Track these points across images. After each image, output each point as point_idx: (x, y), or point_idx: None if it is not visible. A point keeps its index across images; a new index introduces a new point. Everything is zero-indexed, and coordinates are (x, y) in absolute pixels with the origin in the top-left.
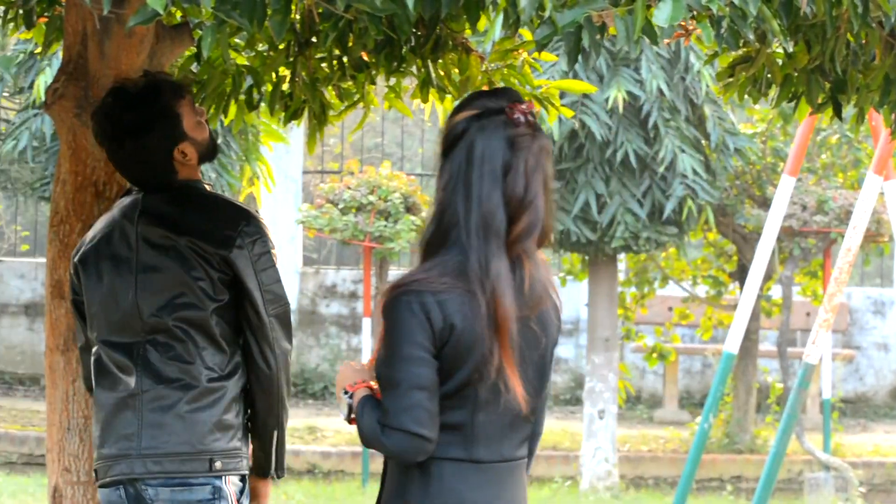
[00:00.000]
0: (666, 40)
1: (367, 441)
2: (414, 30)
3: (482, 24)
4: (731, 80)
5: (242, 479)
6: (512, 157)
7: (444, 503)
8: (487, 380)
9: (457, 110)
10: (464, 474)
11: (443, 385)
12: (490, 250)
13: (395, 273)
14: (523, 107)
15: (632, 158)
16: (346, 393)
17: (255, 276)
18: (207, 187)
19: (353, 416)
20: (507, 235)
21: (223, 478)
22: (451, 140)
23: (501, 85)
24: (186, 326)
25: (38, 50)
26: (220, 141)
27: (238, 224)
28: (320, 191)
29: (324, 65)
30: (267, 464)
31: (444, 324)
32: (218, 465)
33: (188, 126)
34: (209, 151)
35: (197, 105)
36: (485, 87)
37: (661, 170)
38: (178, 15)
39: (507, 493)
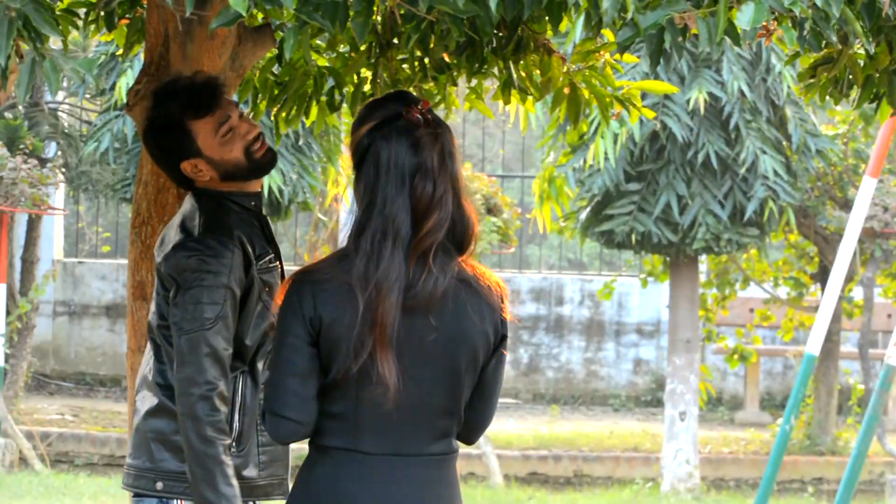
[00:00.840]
0: (747, 41)
1: None
2: (496, 31)
3: (564, 25)
4: (812, 81)
5: None
6: (417, 160)
7: (322, 489)
8: (364, 373)
9: (358, 123)
10: (348, 464)
11: (326, 374)
12: (383, 252)
13: None
14: (418, 107)
15: (713, 160)
16: None
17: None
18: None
19: None
20: (413, 236)
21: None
22: (360, 154)
23: (583, 86)
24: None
25: (120, 52)
26: (301, 143)
27: (177, 239)
28: None
29: (405, 66)
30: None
31: (314, 313)
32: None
33: (205, 144)
34: (241, 172)
35: (241, 121)
36: (566, 90)
37: (742, 171)
38: (260, 16)
39: (404, 489)
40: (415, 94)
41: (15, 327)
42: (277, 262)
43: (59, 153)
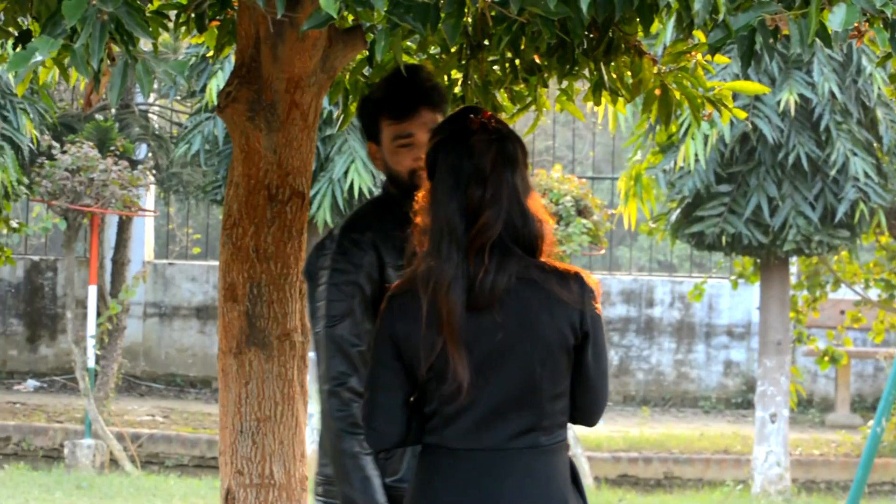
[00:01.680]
0: (839, 43)
1: None
2: (587, 32)
3: (655, 26)
4: None
5: None
6: (471, 164)
7: (418, 483)
8: (440, 371)
9: (429, 139)
10: (437, 459)
11: (414, 380)
12: (441, 252)
13: None
14: (480, 116)
15: (804, 161)
16: None
17: None
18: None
19: None
20: (466, 237)
21: None
22: (428, 166)
23: (674, 87)
24: None
25: (210, 53)
26: None
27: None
28: None
29: (496, 67)
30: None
31: (393, 329)
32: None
33: (384, 141)
34: (399, 184)
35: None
36: (657, 91)
37: (832, 173)
38: (351, 18)
39: (489, 479)
40: (506, 95)
41: (105, 329)
42: None
43: (150, 155)
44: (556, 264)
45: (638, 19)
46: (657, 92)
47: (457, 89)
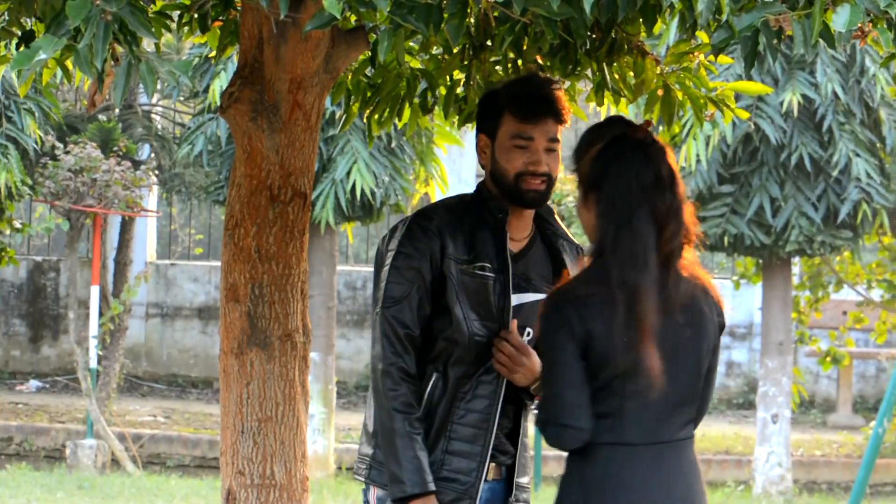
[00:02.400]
0: (842, 43)
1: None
2: (589, 33)
3: (658, 27)
4: None
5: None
6: (652, 173)
7: (601, 481)
8: (632, 369)
9: (584, 147)
10: (616, 456)
11: (594, 379)
12: (637, 260)
13: None
14: (640, 126)
15: (806, 162)
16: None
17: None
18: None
19: None
20: (657, 244)
21: (368, 487)
22: (595, 174)
23: (677, 87)
24: None
25: (213, 54)
26: (394, 145)
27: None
28: None
29: (498, 68)
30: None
31: (582, 329)
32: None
33: (500, 136)
34: (502, 183)
35: (544, 153)
36: (659, 92)
37: (835, 173)
38: (354, 19)
39: (665, 470)
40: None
41: (107, 329)
42: (494, 275)
43: (153, 155)
44: (690, 264)
45: (641, 20)
46: (660, 92)
47: (459, 90)
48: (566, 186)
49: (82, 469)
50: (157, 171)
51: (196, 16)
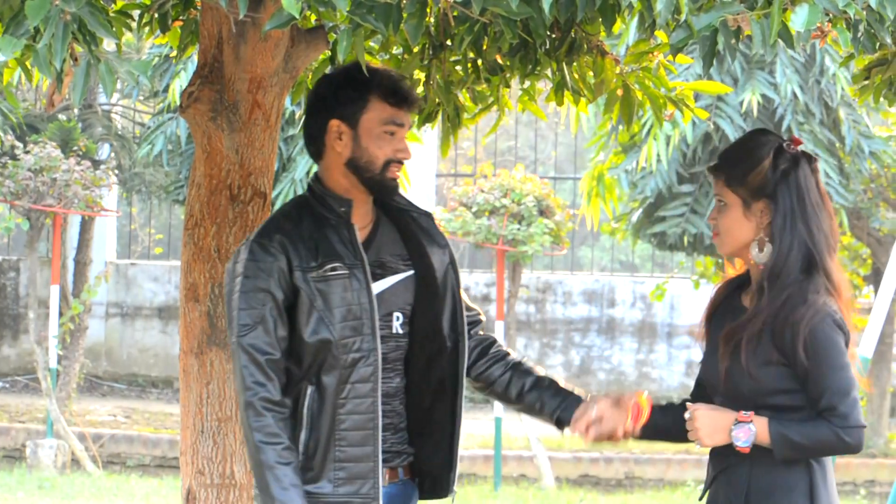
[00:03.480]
0: (801, 43)
1: (823, 448)
2: (549, 33)
3: (617, 27)
4: (866, 82)
5: None
6: (817, 187)
7: (832, 485)
8: None
9: (756, 158)
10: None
11: None
12: (832, 269)
13: (528, 276)
14: (795, 138)
15: None
16: (739, 423)
17: None
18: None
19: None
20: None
21: None
22: (771, 187)
23: (636, 87)
24: None
25: (173, 54)
26: None
27: None
28: (454, 194)
29: (458, 68)
30: None
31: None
32: None
33: (366, 122)
34: (366, 170)
35: (404, 142)
36: (619, 92)
37: None
38: (313, 18)
39: None
40: (468, 95)
41: (68, 329)
42: (348, 272)
43: (113, 155)
44: None
45: (600, 19)
46: (619, 92)
47: (419, 89)
48: (526, 186)
49: (42, 469)
50: (116, 171)
51: (156, 15)
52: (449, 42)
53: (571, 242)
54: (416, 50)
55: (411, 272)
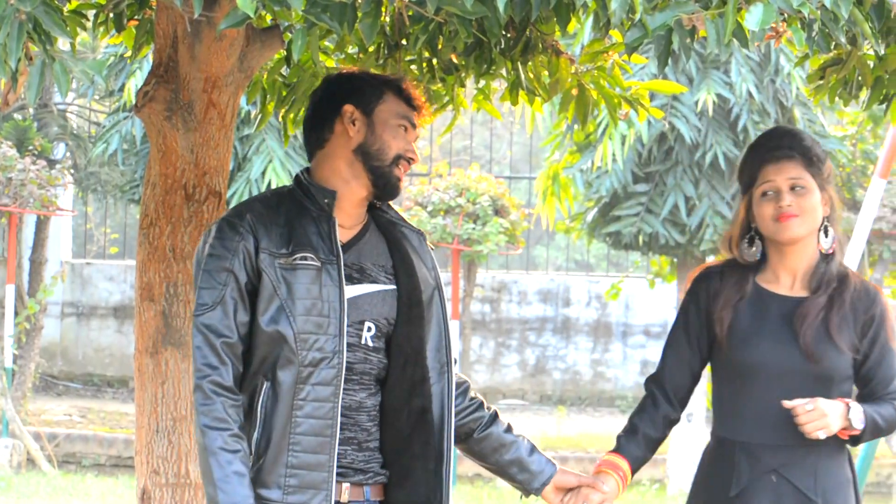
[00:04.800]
0: (756, 42)
1: (891, 429)
2: (504, 32)
3: (572, 26)
4: (821, 82)
5: None
6: None
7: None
8: None
9: (825, 152)
10: None
11: None
12: None
13: (483, 276)
14: None
15: (721, 161)
16: (850, 408)
17: None
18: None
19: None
20: None
21: None
22: (829, 176)
23: (591, 87)
24: None
25: (129, 54)
26: None
27: None
28: (409, 193)
29: (413, 67)
30: None
31: None
32: None
33: (381, 113)
34: (376, 160)
35: (412, 143)
36: (574, 91)
37: None
38: (269, 18)
39: None
40: (423, 94)
41: (23, 328)
42: (320, 265)
43: (68, 154)
44: None
45: (555, 19)
46: (574, 91)
47: None
48: (481, 185)
49: None
50: (72, 170)
51: (111, 15)
52: (404, 41)
53: (526, 242)
54: (371, 49)
55: (393, 287)
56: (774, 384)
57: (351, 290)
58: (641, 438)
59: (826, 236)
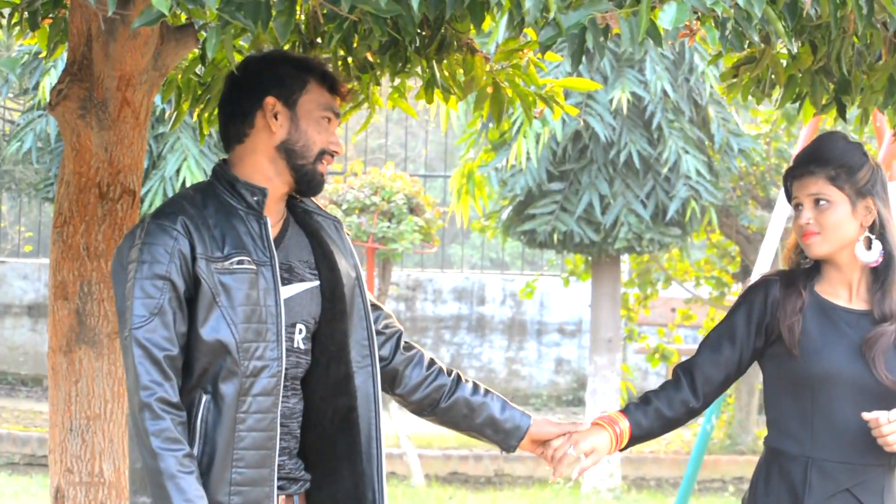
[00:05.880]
0: (670, 41)
1: None
2: (419, 30)
3: (487, 24)
4: (735, 80)
5: None
6: None
7: None
8: None
9: (863, 156)
10: None
11: None
12: None
13: (398, 274)
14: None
15: (635, 159)
16: None
17: None
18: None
19: None
20: None
21: None
22: (875, 181)
23: (506, 85)
24: None
25: (43, 53)
26: None
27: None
28: (324, 192)
29: (328, 65)
30: None
31: None
32: None
33: (305, 104)
34: (300, 156)
35: (335, 135)
36: (489, 89)
37: (664, 171)
38: (183, 16)
39: None
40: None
41: None
42: (255, 268)
43: None
44: None
45: (470, 17)
46: (489, 90)
47: None
48: (396, 184)
49: None
50: None
51: (26, 14)
52: (319, 40)
53: (442, 240)
54: (286, 48)
55: (317, 283)
56: (848, 398)
57: (284, 292)
58: (651, 410)
59: (869, 248)
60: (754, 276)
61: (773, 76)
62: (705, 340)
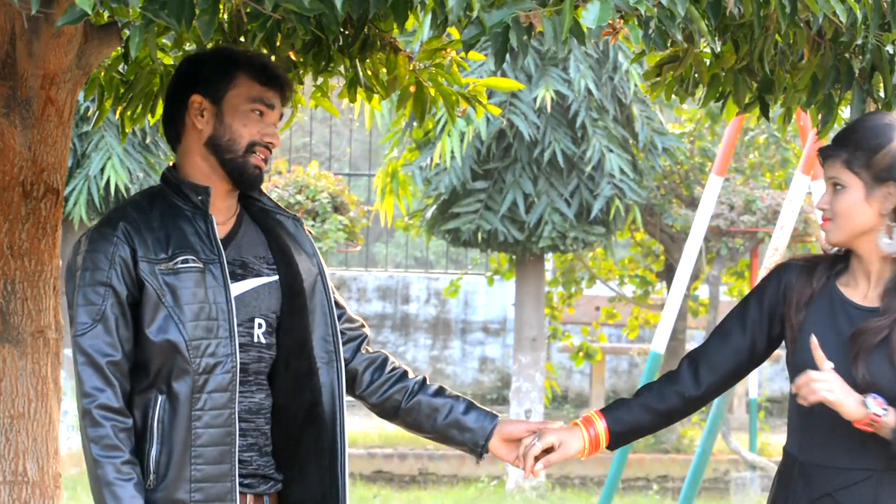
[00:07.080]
0: (593, 40)
1: None
2: (342, 29)
3: (410, 23)
4: (658, 79)
5: None
6: None
7: None
8: None
9: (885, 140)
10: None
11: None
12: None
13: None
14: None
15: (559, 158)
16: (873, 395)
17: None
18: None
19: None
20: None
21: None
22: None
23: (429, 84)
24: None
25: None
26: (148, 140)
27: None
28: None
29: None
30: None
31: None
32: None
33: (232, 98)
34: (228, 152)
35: (272, 127)
36: (412, 88)
37: (588, 169)
38: (106, 15)
39: None
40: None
41: None
42: (202, 266)
43: None
44: None
45: (393, 16)
46: (412, 89)
47: None
48: (320, 183)
49: None
50: None
51: None
52: (242, 38)
53: (366, 239)
54: (209, 46)
55: (276, 278)
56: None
57: (237, 288)
58: (638, 405)
59: (891, 237)
60: (678, 275)
61: (696, 75)
62: (717, 327)
